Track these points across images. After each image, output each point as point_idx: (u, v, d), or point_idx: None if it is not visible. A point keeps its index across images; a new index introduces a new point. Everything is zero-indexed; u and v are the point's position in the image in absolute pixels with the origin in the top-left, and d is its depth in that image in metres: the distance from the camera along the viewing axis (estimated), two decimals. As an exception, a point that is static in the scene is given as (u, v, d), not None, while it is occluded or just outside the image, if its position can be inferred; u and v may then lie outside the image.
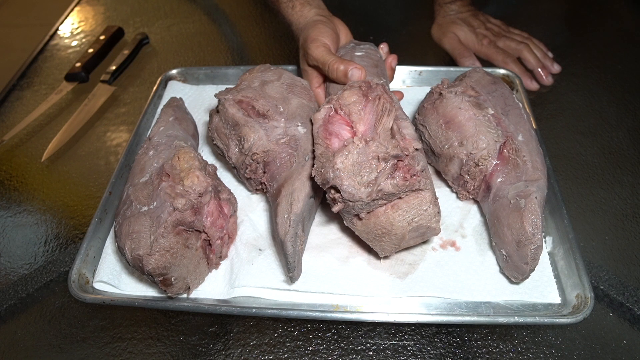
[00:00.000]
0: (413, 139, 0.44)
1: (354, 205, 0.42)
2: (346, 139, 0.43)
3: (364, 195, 0.40)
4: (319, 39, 0.57)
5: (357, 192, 0.40)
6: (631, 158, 0.64)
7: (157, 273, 0.44)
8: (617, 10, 0.92)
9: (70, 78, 0.80)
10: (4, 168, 0.69)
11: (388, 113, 0.44)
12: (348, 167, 0.41)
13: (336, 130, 0.45)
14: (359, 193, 0.40)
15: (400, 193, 0.42)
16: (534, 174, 0.49)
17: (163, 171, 0.49)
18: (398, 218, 0.43)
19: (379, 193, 0.41)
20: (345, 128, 0.45)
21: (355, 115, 0.44)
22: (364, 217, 0.44)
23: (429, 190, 0.44)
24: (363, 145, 0.42)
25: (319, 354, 0.47)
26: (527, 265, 0.45)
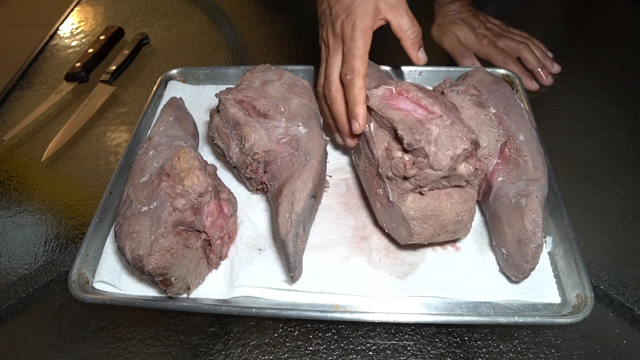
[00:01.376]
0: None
1: (429, 175, 0.43)
2: (425, 115, 0.45)
3: (447, 167, 0.43)
4: (363, 28, 0.49)
5: (443, 161, 0.42)
6: (631, 158, 0.64)
7: (157, 273, 0.44)
8: (617, 10, 0.92)
9: (70, 78, 0.80)
10: (4, 168, 0.69)
11: (455, 107, 0.49)
12: (441, 137, 0.43)
13: (406, 107, 0.47)
14: (444, 162, 0.42)
15: (465, 179, 0.45)
16: (534, 174, 0.49)
17: (163, 171, 0.49)
18: (450, 206, 0.45)
19: (454, 171, 0.43)
20: (417, 107, 0.47)
21: (425, 100, 0.46)
22: (425, 193, 0.45)
23: (476, 190, 0.47)
24: (449, 123, 0.44)
25: (319, 354, 0.47)
26: (527, 264, 0.45)
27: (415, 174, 0.44)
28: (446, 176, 0.44)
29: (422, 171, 0.44)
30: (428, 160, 0.43)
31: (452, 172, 0.43)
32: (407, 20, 0.50)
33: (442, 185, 0.45)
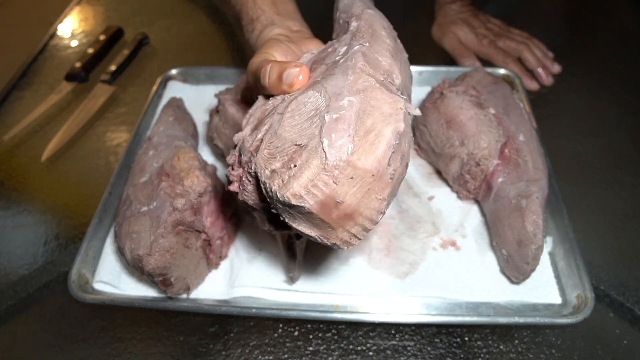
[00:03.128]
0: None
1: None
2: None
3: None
4: (262, 52, 0.41)
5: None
6: (631, 158, 0.64)
7: (157, 273, 0.44)
8: (617, 10, 0.92)
9: (70, 78, 0.80)
10: (4, 168, 0.69)
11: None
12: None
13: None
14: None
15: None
16: (535, 174, 0.49)
17: (163, 171, 0.49)
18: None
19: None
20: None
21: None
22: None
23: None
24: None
25: (319, 354, 0.47)
26: (527, 265, 0.45)
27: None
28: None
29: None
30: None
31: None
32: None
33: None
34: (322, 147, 0.29)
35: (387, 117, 0.30)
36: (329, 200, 0.29)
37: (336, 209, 0.30)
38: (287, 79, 0.36)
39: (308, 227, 0.31)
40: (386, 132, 0.30)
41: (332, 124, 0.29)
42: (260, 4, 0.48)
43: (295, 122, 0.32)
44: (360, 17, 0.39)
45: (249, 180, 0.34)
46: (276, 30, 0.46)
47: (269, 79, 0.37)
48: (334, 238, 0.31)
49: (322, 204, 0.29)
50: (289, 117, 0.32)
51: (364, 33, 0.36)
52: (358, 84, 0.31)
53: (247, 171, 0.34)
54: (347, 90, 0.31)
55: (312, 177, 0.29)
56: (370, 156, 0.29)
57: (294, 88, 0.36)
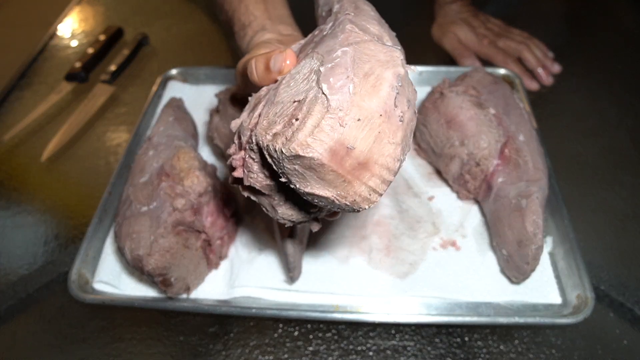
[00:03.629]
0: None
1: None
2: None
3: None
4: (252, 54, 0.40)
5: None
6: (631, 158, 0.64)
7: (157, 273, 0.44)
8: (617, 10, 0.92)
9: (70, 78, 0.80)
10: (4, 168, 0.69)
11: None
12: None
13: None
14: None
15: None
16: (535, 174, 0.49)
17: (163, 171, 0.49)
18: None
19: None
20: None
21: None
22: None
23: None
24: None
25: (319, 354, 0.47)
26: (528, 266, 0.45)
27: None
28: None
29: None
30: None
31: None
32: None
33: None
34: (322, 91, 0.27)
35: (385, 62, 0.29)
36: (339, 146, 0.27)
37: (348, 156, 0.27)
38: (275, 66, 0.35)
39: (322, 187, 0.29)
40: (386, 75, 0.28)
41: (328, 71, 0.28)
42: (252, 9, 0.48)
43: (290, 89, 0.31)
44: (342, 0, 0.38)
45: (252, 159, 0.32)
46: (267, 35, 0.45)
47: (256, 71, 0.36)
48: (352, 194, 0.29)
49: (332, 151, 0.27)
50: (284, 87, 0.31)
51: (347, 7, 0.35)
52: (350, 39, 0.30)
53: (249, 150, 0.32)
54: (339, 44, 0.30)
55: (316, 123, 0.27)
56: (374, 97, 0.27)
57: (284, 73, 0.34)
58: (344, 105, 0.27)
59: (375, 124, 0.27)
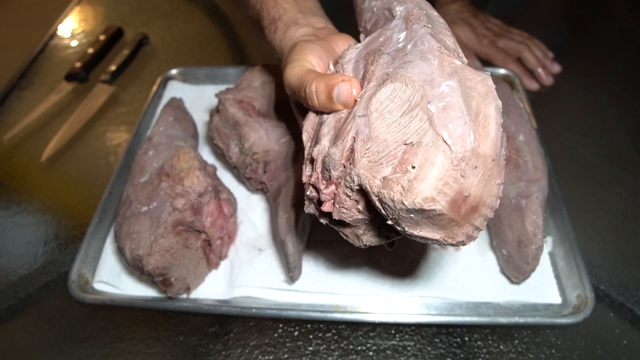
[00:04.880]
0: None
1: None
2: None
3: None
4: (296, 58, 0.39)
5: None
6: (631, 158, 0.64)
7: (157, 273, 0.44)
8: (617, 10, 0.92)
9: (70, 78, 0.80)
10: (4, 168, 0.69)
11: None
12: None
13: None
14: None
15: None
16: (535, 174, 0.49)
17: (163, 171, 0.49)
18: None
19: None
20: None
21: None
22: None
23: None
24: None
25: (319, 354, 0.47)
26: (528, 266, 0.45)
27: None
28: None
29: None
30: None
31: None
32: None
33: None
34: (443, 139, 0.26)
35: (485, 96, 0.29)
36: (459, 196, 0.27)
37: (464, 203, 0.27)
38: (340, 98, 0.33)
39: (432, 231, 0.29)
40: (490, 111, 0.28)
41: (442, 113, 0.27)
42: (281, 2, 0.47)
43: (388, 121, 0.29)
44: (403, 1, 0.37)
45: (347, 196, 0.31)
46: (301, 30, 0.44)
47: (317, 100, 0.35)
48: (460, 235, 0.29)
49: (453, 201, 0.27)
50: (378, 118, 0.29)
51: (419, 15, 0.34)
52: (445, 67, 0.29)
53: (344, 186, 0.31)
54: (438, 75, 0.29)
55: (440, 175, 0.26)
56: (487, 140, 0.27)
57: (349, 105, 0.33)
58: (466, 156, 0.27)
59: (487, 169, 0.27)
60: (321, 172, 0.32)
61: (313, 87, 0.35)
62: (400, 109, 0.29)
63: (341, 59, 0.38)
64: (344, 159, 0.30)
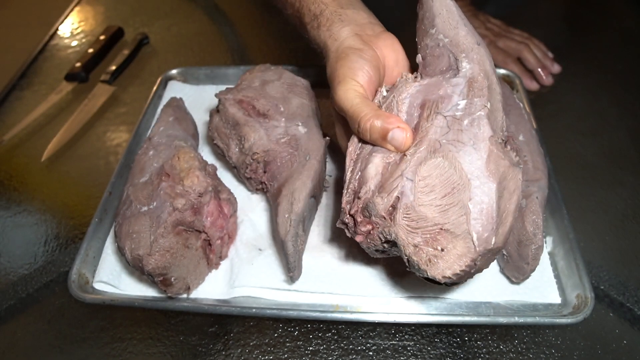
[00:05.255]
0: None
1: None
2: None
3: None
4: (347, 79, 0.41)
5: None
6: (631, 158, 0.64)
7: (157, 273, 0.44)
8: (617, 10, 0.92)
9: (70, 78, 0.80)
10: (4, 168, 0.69)
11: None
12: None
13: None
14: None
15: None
16: (534, 174, 0.49)
17: (163, 171, 0.49)
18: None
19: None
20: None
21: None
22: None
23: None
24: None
25: (319, 354, 0.47)
26: (527, 265, 0.45)
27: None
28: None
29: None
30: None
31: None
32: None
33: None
34: (472, 239, 0.34)
35: (512, 193, 0.35)
36: (466, 276, 0.35)
37: (468, 277, 0.35)
38: (394, 142, 0.38)
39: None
40: (512, 208, 0.34)
41: (477, 215, 0.34)
42: None
43: (431, 198, 0.35)
44: (472, 57, 0.39)
45: (380, 239, 0.37)
46: (346, 30, 0.45)
47: (370, 137, 0.39)
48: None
49: (460, 278, 0.35)
50: (424, 189, 0.35)
51: (482, 86, 0.38)
52: (491, 164, 0.35)
53: (379, 232, 0.37)
54: (483, 173, 0.35)
55: (460, 263, 0.34)
56: (502, 236, 0.34)
57: (401, 150, 0.38)
58: (484, 253, 0.34)
59: (493, 254, 0.35)
60: (361, 210, 0.38)
61: (368, 125, 0.39)
62: (444, 189, 0.35)
63: (395, 92, 0.42)
64: (386, 212, 0.36)
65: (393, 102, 0.41)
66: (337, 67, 0.42)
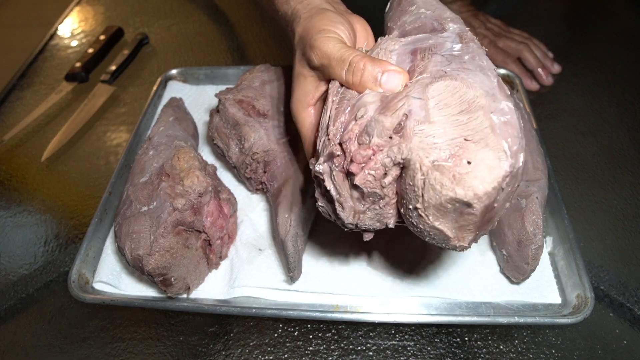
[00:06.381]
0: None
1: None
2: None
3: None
4: (328, 29, 0.38)
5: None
6: (631, 158, 0.64)
7: (157, 273, 0.44)
8: (617, 10, 0.92)
9: (70, 78, 0.80)
10: (4, 168, 0.69)
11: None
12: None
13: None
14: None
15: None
16: (534, 174, 0.49)
17: (163, 171, 0.49)
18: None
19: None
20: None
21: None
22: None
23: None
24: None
25: (319, 354, 0.47)
26: (527, 266, 0.45)
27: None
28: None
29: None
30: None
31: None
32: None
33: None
34: (504, 149, 0.28)
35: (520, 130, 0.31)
36: (491, 204, 0.28)
37: (489, 212, 0.29)
38: (387, 85, 0.34)
39: (449, 227, 0.30)
40: (523, 142, 0.30)
41: (503, 127, 0.29)
42: None
43: (446, 113, 0.30)
44: (457, 21, 0.38)
45: (383, 165, 0.31)
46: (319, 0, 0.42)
47: (361, 78, 0.35)
48: (465, 240, 0.30)
49: (486, 208, 0.28)
50: (436, 106, 0.30)
51: (473, 37, 0.36)
52: (504, 90, 0.31)
53: (385, 155, 0.31)
54: (499, 94, 0.30)
55: (492, 180, 0.27)
56: (519, 162, 0.29)
57: (392, 92, 0.33)
58: (514, 172, 0.28)
59: (513, 190, 0.29)
60: (358, 135, 0.32)
61: (361, 64, 0.35)
62: (459, 106, 0.30)
63: (380, 48, 0.38)
64: (393, 130, 0.30)
65: (380, 54, 0.37)
66: (313, 21, 0.39)
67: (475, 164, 0.28)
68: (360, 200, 0.33)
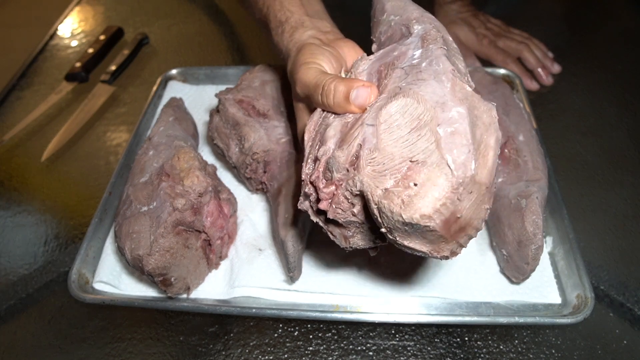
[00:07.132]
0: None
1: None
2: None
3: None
4: (308, 61, 0.41)
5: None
6: (631, 158, 0.64)
7: (157, 273, 0.44)
8: (617, 10, 0.92)
9: (70, 78, 0.80)
10: (4, 168, 0.69)
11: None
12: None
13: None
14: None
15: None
16: (534, 174, 0.49)
17: (163, 171, 0.49)
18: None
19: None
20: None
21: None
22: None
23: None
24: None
25: (319, 354, 0.47)
26: (527, 266, 0.45)
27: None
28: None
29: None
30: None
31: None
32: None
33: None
34: (447, 163, 0.28)
35: (488, 126, 0.31)
36: (452, 216, 0.29)
37: (455, 223, 0.29)
38: (357, 100, 0.35)
39: (421, 244, 0.31)
40: (491, 142, 0.30)
41: (449, 138, 0.29)
42: (287, 5, 0.47)
43: (396, 136, 0.30)
44: (422, 20, 0.38)
45: (345, 198, 0.33)
46: (308, 33, 0.45)
47: (334, 99, 0.36)
48: (445, 250, 0.31)
49: (446, 221, 0.29)
50: (386, 130, 0.31)
51: (436, 37, 0.35)
52: (457, 92, 0.31)
53: (344, 189, 0.32)
54: (450, 99, 0.30)
55: (439, 196, 0.28)
56: (485, 169, 0.29)
57: (363, 109, 0.35)
58: (465, 182, 0.28)
59: (481, 194, 0.30)
60: (323, 172, 0.34)
61: (332, 86, 0.36)
62: (409, 125, 0.30)
63: (354, 69, 0.40)
64: (348, 163, 0.32)
65: (353, 75, 0.39)
66: (298, 57, 0.42)
67: (420, 184, 0.29)
68: (343, 228, 0.35)
